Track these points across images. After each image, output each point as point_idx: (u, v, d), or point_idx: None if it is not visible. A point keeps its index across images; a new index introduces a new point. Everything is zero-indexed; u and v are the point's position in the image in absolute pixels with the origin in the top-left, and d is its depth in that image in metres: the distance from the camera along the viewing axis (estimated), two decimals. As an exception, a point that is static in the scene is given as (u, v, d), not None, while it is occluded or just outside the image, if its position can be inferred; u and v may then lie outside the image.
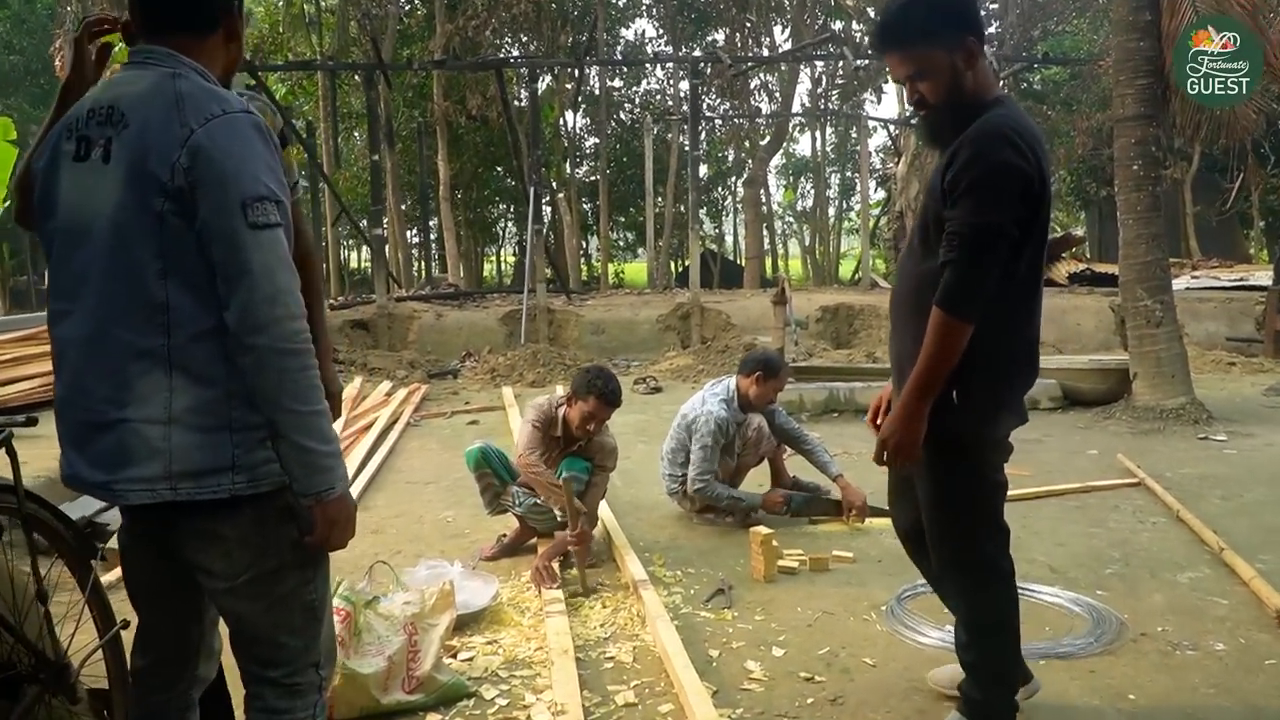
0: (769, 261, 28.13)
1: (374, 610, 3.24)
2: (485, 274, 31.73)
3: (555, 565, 4.15)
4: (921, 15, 2.39)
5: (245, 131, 1.70)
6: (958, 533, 2.63)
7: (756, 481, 5.47)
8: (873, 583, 4.13)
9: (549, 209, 26.47)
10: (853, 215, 33.58)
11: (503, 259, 34.03)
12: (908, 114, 14.97)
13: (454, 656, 3.42)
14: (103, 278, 1.73)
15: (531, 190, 12.14)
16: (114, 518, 4.64)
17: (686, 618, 3.79)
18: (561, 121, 24.48)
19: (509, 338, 12.01)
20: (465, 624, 3.66)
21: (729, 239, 37.16)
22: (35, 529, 2.33)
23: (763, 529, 4.27)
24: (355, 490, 5.67)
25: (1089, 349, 11.28)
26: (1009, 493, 5.58)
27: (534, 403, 4.65)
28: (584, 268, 27.48)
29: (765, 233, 28.51)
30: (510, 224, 30.00)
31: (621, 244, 34.38)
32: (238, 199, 1.66)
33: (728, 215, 34.65)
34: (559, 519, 4.41)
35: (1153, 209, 7.92)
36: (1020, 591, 3.98)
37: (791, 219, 36.88)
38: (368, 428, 7.25)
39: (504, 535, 4.69)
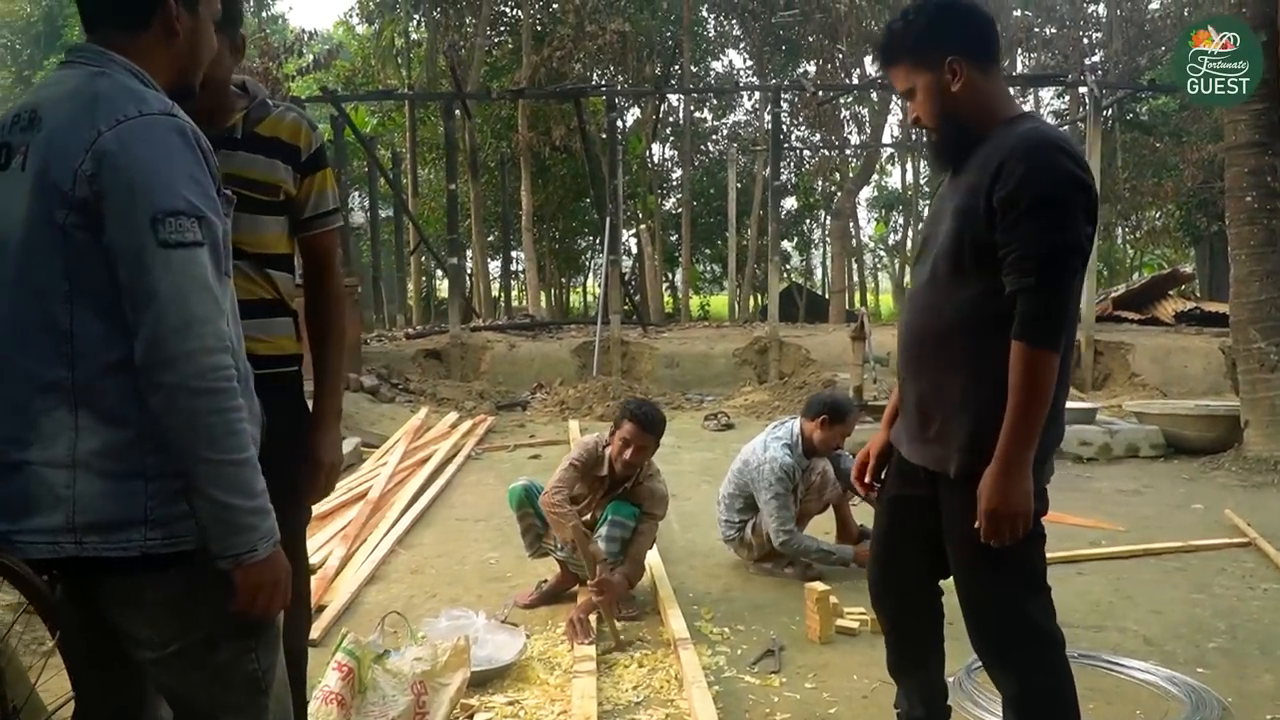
0: (856, 295, 27.55)
1: (383, 666, 3.01)
2: (572, 305, 31.81)
3: (593, 618, 3.87)
4: (905, 34, 2.26)
5: (163, 135, 1.48)
6: (1008, 596, 2.30)
7: (823, 529, 5.11)
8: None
9: (633, 240, 26.47)
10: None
11: (588, 290, 34.11)
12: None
13: (470, 718, 3.15)
14: (11, 299, 1.54)
15: (608, 220, 11.99)
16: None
17: (729, 683, 3.46)
18: (648, 153, 24.46)
19: (581, 370, 11.83)
20: (488, 680, 3.41)
21: (817, 273, 36.60)
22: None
23: (819, 585, 3.92)
24: (402, 526, 5.50)
25: (1196, 393, 10.55)
26: (1102, 551, 5.10)
27: (581, 440, 4.40)
28: (669, 300, 27.33)
29: (854, 266, 27.93)
30: (597, 256, 30.05)
31: (708, 276, 34.14)
32: (147, 213, 1.44)
33: (816, 248, 34.13)
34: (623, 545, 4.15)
35: (1267, 244, 7.32)
36: (1109, 666, 3.59)
37: (883, 253, 36.14)
38: (425, 460, 7.10)
39: (545, 581, 4.43)
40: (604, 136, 16.55)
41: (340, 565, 4.71)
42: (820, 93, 13.70)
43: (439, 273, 28.90)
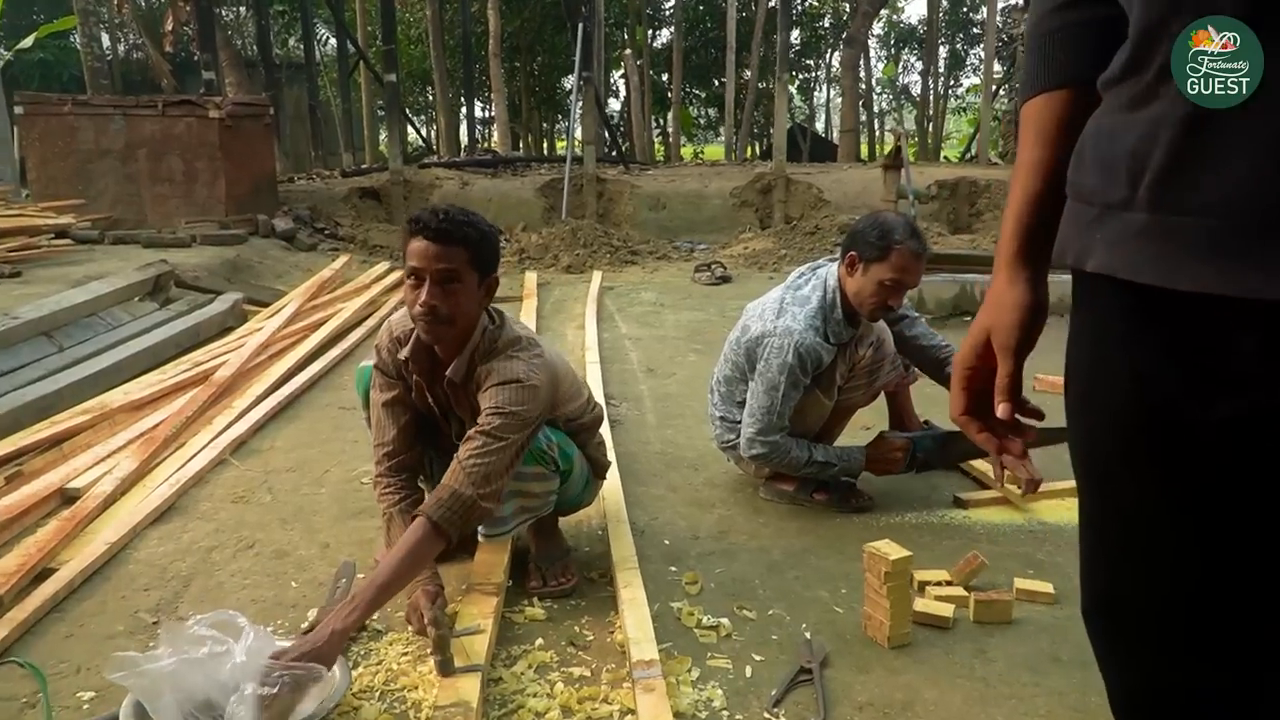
0: (867, 139, 25.30)
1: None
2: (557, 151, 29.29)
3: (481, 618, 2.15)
4: None
5: None
6: None
7: (862, 425, 3.42)
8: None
9: (621, 81, 23.89)
10: (960, 92, 30.32)
11: (574, 136, 31.57)
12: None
13: None
14: None
15: (580, 28, 9.81)
16: None
17: (728, 753, 1.79)
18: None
19: (548, 212, 9.90)
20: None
21: (820, 120, 34.01)
22: None
23: (884, 546, 2.19)
24: (249, 422, 3.77)
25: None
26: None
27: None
28: (659, 148, 25.04)
29: (862, 111, 25.50)
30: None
31: (702, 122, 31.57)
32: None
33: (820, 89, 31.54)
34: (523, 508, 2.41)
35: None
36: None
37: (891, 96, 33.43)
38: (320, 324, 5.31)
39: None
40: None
41: (115, 493, 2.99)
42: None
43: (420, 116, 26.37)
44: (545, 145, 26.85)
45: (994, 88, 17.16)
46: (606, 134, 12.80)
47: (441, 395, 2.35)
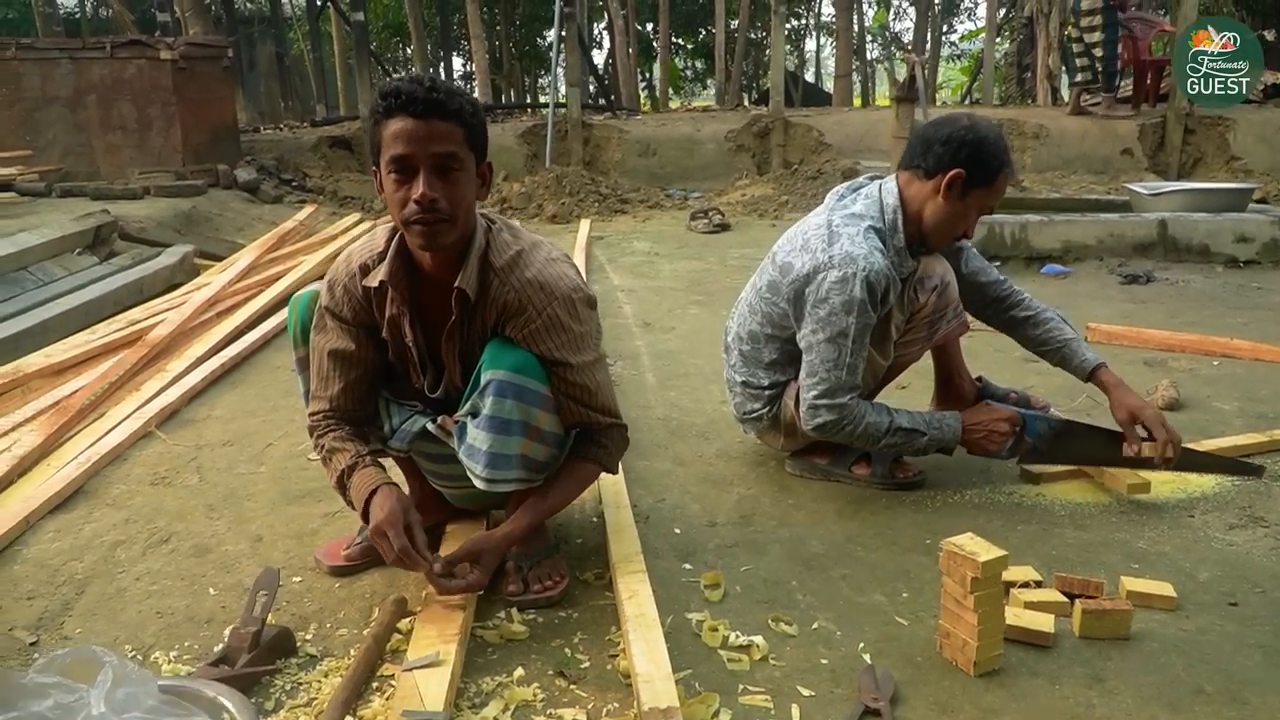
0: (861, 87, 24.57)
1: None
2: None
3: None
4: None
5: None
6: None
7: (900, 386, 2.91)
8: (1254, 683, 1.58)
9: (605, 33, 23.05)
10: (955, 39, 29.57)
11: (559, 92, 30.59)
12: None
13: None
14: None
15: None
16: None
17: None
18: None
19: (531, 160, 9.31)
20: None
21: (810, 71, 33.15)
22: None
23: (970, 543, 1.67)
24: (185, 385, 3.24)
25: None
26: None
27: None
28: (645, 103, 24.26)
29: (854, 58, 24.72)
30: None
31: (688, 75, 30.72)
32: None
33: (810, 36, 30.71)
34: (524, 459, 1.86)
35: None
36: None
37: (882, 44, 32.56)
38: (276, 278, 4.75)
39: (384, 511, 2.22)
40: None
41: (10, 474, 2.47)
42: None
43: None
44: (529, 100, 26.00)
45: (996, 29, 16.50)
46: (593, 79, 12.13)
47: (424, 331, 1.86)
